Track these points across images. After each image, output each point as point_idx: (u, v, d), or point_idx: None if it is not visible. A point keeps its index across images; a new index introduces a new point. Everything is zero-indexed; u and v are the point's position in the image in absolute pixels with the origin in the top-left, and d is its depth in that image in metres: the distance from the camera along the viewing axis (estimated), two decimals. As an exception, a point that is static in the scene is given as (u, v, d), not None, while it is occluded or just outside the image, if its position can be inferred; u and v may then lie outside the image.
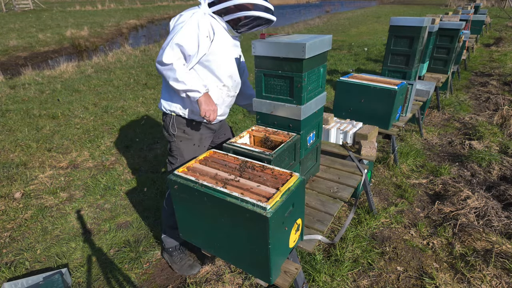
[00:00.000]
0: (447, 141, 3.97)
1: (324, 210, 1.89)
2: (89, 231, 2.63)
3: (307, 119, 1.84)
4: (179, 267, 2.18)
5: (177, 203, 1.55)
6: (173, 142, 2.02)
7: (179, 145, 2.01)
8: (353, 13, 22.43)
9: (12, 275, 2.21)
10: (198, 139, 2.05)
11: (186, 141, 2.02)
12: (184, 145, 2.02)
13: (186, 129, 1.99)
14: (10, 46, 11.06)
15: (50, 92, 6.18)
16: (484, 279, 2.07)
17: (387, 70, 3.57)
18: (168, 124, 1.99)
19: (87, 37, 13.21)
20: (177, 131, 1.98)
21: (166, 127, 2.01)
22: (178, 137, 2.00)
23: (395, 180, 3.20)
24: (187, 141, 2.02)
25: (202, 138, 2.06)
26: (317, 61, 1.76)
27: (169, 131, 2.00)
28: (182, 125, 1.98)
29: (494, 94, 5.37)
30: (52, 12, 21.70)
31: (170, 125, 1.98)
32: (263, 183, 1.39)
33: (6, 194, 3.10)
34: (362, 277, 2.15)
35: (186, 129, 1.99)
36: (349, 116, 2.94)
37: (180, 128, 1.98)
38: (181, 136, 2.00)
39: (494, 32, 11.73)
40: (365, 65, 7.75)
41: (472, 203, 2.64)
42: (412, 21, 3.21)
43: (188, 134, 2.01)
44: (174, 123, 1.97)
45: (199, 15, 1.73)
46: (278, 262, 1.41)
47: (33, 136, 4.30)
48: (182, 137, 2.00)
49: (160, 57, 1.69)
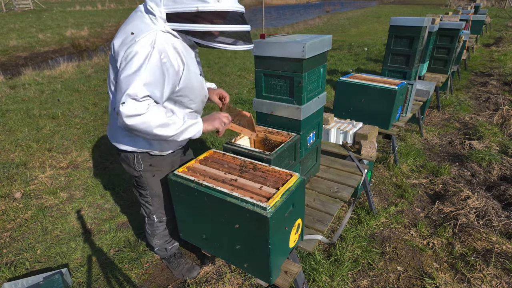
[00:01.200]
0: (447, 141, 3.97)
1: (324, 210, 1.89)
2: (89, 231, 2.63)
3: (307, 119, 1.84)
4: (178, 272, 2.17)
5: (177, 203, 1.55)
6: (139, 176, 1.75)
7: (148, 178, 1.75)
8: (353, 13, 22.42)
9: (12, 275, 2.21)
10: (170, 168, 1.78)
11: (156, 172, 1.75)
12: (155, 177, 1.75)
13: (154, 161, 1.71)
14: (10, 46, 11.06)
15: (50, 92, 6.18)
16: (484, 279, 2.07)
17: (387, 70, 3.57)
18: (130, 160, 1.69)
19: (87, 37, 13.21)
20: (143, 166, 1.69)
21: (129, 163, 1.70)
22: (146, 171, 1.72)
23: (395, 180, 3.20)
24: (157, 172, 1.75)
25: (173, 164, 1.80)
26: (317, 61, 1.76)
27: (134, 167, 1.70)
28: (148, 158, 1.68)
29: (494, 94, 5.37)
30: (52, 12, 21.70)
31: (135, 162, 1.68)
32: (263, 183, 1.39)
33: (6, 194, 3.09)
34: (362, 277, 2.15)
35: (153, 161, 1.71)
36: (349, 116, 2.94)
37: (147, 161, 1.69)
38: (149, 169, 1.72)
39: (494, 32, 11.73)
40: (365, 65, 7.74)
41: (472, 203, 2.64)
42: (412, 21, 3.21)
43: (157, 166, 1.72)
44: (139, 159, 1.67)
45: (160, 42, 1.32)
46: (278, 262, 1.41)
47: (33, 136, 4.30)
48: (150, 170, 1.72)
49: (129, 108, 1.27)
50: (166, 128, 1.37)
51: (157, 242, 2.07)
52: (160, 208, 1.91)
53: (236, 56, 9.08)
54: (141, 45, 1.30)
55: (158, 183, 1.79)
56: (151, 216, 1.95)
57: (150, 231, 2.03)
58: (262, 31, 12.11)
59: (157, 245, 2.10)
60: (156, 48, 1.30)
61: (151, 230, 2.03)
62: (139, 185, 1.83)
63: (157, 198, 1.85)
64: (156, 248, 2.13)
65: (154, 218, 1.95)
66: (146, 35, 1.31)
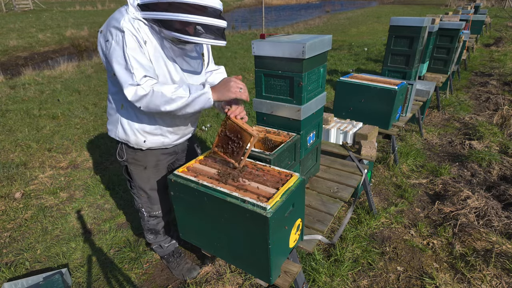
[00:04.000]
0: (447, 141, 3.97)
1: (324, 210, 1.89)
2: (89, 231, 2.63)
3: (307, 119, 1.84)
4: (178, 272, 2.18)
5: (177, 203, 1.55)
6: (125, 166, 1.84)
7: (131, 170, 1.82)
8: (353, 13, 22.42)
9: (12, 275, 2.21)
10: (153, 166, 1.81)
11: (138, 167, 1.81)
12: (137, 171, 1.82)
13: (136, 155, 1.76)
14: (10, 46, 11.07)
15: (50, 92, 6.18)
16: (484, 279, 2.07)
17: (387, 70, 3.57)
18: (117, 148, 1.78)
19: (87, 37, 13.21)
20: (126, 157, 1.77)
21: (117, 150, 1.80)
22: (130, 163, 1.80)
23: (395, 180, 3.20)
24: (138, 167, 1.81)
25: (158, 165, 1.83)
26: (317, 61, 1.76)
27: (119, 155, 1.79)
28: (131, 150, 1.75)
29: (494, 94, 5.37)
30: (52, 12, 21.69)
31: (119, 150, 1.77)
32: (263, 183, 1.39)
33: (6, 194, 3.09)
34: (362, 277, 2.15)
35: (136, 155, 1.76)
36: (349, 116, 2.94)
37: (130, 154, 1.76)
38: (132, 162, 1.79)
39: (494, 32, 11.73)
40: (365, 65, 7.74)
41: (472, 203, 2.64)
42: (412, 21, 3.21)
43: (139, 160, 1.78)
44: (123, 149, 1.75)
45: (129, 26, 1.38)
46: (278, 262, 1.41)
47: (33, 136, 4.30)
48: (133, 164, 1.80)
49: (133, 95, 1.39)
50: (172, 104, 1.41)
51: (149, 237, 2.11)
52: (147, 202, 1.94)
53: (236, 56, 9.08)
54: (114, 33, 1.39)
55: (143, 178, 1.83)
56: (140, 209, 1.99)
57: (142, 224, 2.09)
58: (262, 31, 12.12)
59: (151, 240, 2.13)
60: (126, 32, 1.37)
61: (143, 224, 2.08)
62: (127, 175, 1.89)
63: (142, 192, 1.89)
64: (153, 245, 2.16)
65: (143, 212, 1.99)
66: (116, 23, 1.39)
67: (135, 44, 1.39)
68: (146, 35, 1.44)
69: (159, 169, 1.85)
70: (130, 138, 1.66)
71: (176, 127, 1.73)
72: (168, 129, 1.71)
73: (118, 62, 1.39)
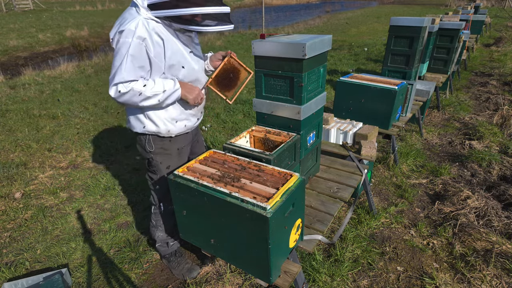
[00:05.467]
0: (447, 141, 3.97)
1: (324, 210, 1.89)
2: (89, 231, 2.63)
3: (307, 119, 1.84)
4: (178, 271, 2.18)
5: (177, 203, 1.55)
6: (151, 158, 1.92)
7: (158, 161, 1.92)
8: (353, 13, 22.42)
9: (12, 275, 2.21)
10: (177, 154, 1.95)
11: (165, 156, 1.92)
12: (163, 160, 1.92)
13: (164, 144, 1.88)
14: (10, 46, 11.07)
15: (50, 92, 6.18)
16: (484, 279, 2.07)
17: (387, 70, 3.57)
18: (143, 142, 1.88)
19: (87, 37, 13.21)
20: (154, 148, 1.88)
21: (142, 145, 1.90)
22: (156, 154, 1.90)
23: (395, 180, 3.20)
24: (165, 156, 1.92)
25: (181, 152, 1.97)
26: (317, 61, 1.76)
27: (146, 149, 1.89)
28: (159, 140, 1.87)
29: (494, 94, 5.37)
30: (52, 12, 21.69)
31: (146, 144, 1.87)
32: (263, 183, 1.39)
33: (6, 194, 3.10)
34: (362, 277, 2.15)
35: (163, 144, 1.88)
36: (349, 116, 2.94)
37: (157, 144, 1.87)
38: (159, 152, 1.90)
39: (494, 32, 11.73)
40: (365, 65, 7.74)
41: (472, 203, 2.64)
42: (412, 21, 3.21)
43: (166, 149, 1.91)
44: (150, 141, 1.86)
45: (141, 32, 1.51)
46: (278, 262, 1.41)
47: (33, 136, 4.30)
48: (160, 153, 1.91)
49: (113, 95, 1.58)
50: (149, 100, 1.62)
51: (159, 234, 2.12)
52: (167, 194, 2.00)
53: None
54: (124, 35, 1.52)
55: (168, 166, 1.95)
56: (158, 203, 2.03)
57: (155, 221, 2.11)
58: (262, 31, 12.11)
59: (159, 239, 2.14)
60: (135, 37, 1.51)
61: (156, 220, 2.10)
62: (150, 168, 1.98)
63: (166, 183, 1.99)
64: (158, 243, 2.17)
65: (161, 206, 2.03)
66: (128, 25, 1.52)
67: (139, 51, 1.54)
68: (161, 33, 1.58)
69: (181, 157, 1.99)
70: (160, 128, 1.79)
71: (196, 109, 1.91)
72: (190, 112, 1.87)
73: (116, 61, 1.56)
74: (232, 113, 4.95)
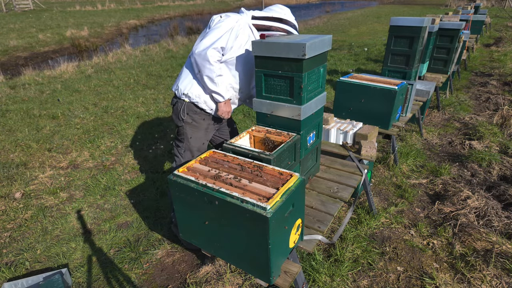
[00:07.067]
0: (447, 141, 3.97)
1: (324, 210, 1.89)
2: (89, 231, 2.63)
3: (307, 119, 1.84)
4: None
5: (177, 203, 1.55)
6: (181, 127, 2.16)
7: (187, 130, 2.16)
8: (353, 13, 22.42)
9: (12, 275, 2.21)
10: (205, 128, 2.20)
11: (193, 128, 2.17)
12: (191, 131, 2.17)
13: (195, 117, 2.14)
14: (10, 46, 11.07)
15: (50, 92, 6.18)
16: (484, 279, 2.07)
17: (387, 70, 3.57)
18: (179, 109, 2.12)
19: (87, 37, 13.21)
20: (186, 117, 2.12)
21: (177, 112, 2.14)
22: (187, 123, 2.14)
23: (395, 180, 3.20)
24: (194, 128, 2.17)
25: (208, 128, 2.21)
26: (317, 61, 1.76)
27: (179, 116, 2.13)
28: (192, 112, 2.12)
29: (494, 94, 5.37)
30: (52, 12, 21.70)
31: (181, 111, 2.11)
32: (263, 183, 1.39)
33: (6, 194, 3.10)
34: (362, 277, 2.15)
35: (195, 116, 2.14)
36: (349, 116, 2.94)
37: (190, 115, 2.12)
38: (190, 122, 2.15)
39: (494, 32, 11.73)
40: (365, 65, 7.74)
41: (472, 203, 2.64)
42: (412, 21, 3.21)
43: (196, 122, 2.15)
44: (185, 109, 2.10)
45: (242, 23, 1.97)
46: (278, 262, 1.41)
47: (33, 136, 4.30)
48: (190, 124, 2.15)
49: (202, 51, 1.85)
50: (210, 82, 1.96)
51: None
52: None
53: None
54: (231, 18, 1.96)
55: (194, 139, 2.19)
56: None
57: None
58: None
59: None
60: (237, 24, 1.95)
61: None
62: (179, 136, 2.22)
63: (189, 153, 2.23)
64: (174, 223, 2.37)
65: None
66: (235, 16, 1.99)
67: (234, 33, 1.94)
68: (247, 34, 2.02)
69: (208, 133, 2.24)
70: (200, 98, 2.08)
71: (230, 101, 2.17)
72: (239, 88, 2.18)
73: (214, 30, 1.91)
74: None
